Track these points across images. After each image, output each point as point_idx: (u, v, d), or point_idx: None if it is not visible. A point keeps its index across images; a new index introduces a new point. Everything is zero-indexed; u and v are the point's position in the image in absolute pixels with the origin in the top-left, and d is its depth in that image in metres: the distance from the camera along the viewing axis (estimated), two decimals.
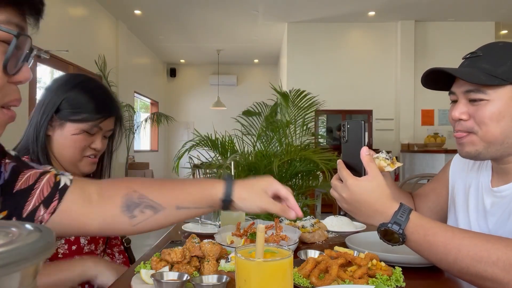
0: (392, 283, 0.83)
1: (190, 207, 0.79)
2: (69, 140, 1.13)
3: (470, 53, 0.97)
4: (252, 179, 0.84)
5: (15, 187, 0.71)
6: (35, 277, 0.29)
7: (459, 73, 0.92)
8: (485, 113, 0.91)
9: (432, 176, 3.30)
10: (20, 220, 0.71)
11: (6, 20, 0.59)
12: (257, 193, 0.80)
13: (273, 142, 2.82)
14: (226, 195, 0.79)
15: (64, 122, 1.12)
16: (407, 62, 7.64)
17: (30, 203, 0.71)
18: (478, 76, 0.90)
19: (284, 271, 0.62)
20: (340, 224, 1.48)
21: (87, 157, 1.17)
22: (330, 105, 5.90)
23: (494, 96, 0.90)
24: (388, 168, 0.92)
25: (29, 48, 0.63)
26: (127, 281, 0.88)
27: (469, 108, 0.94)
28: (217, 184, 0.80)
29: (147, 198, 0.77)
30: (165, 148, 11.10)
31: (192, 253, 0.91)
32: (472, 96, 0.93)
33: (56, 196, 0.72)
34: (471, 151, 0.95)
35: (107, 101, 1.19)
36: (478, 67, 0.92)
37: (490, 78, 0.89)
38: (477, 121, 0.93)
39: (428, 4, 6.90)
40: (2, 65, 0.59)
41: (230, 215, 1.38)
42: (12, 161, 0.73)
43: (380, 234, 0.86)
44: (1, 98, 0.61)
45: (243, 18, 7.57)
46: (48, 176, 0.74)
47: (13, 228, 0.32)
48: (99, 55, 6.45)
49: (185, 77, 11.55)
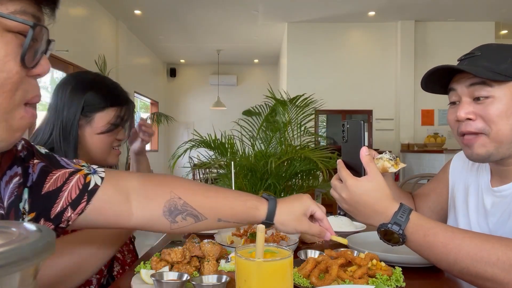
0: (392, 283, 0.83)
1: (231, 221, 0.82)
2: (97, 137, 1.17)
3: (466, 54, 0.96)
4: (292, 199, 0.87)
5: (43, 189, 0.70)
6: (35, 277, 0.29)
7: (468, 68, 0.90)
8: (493, 111, 0.88)
9: (432, 176, 3.31)
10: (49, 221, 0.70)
11: (21, 10, 0.55)
12: (296, 218, 0.85)
13: (272, 143, 2.82)
14: (268, 219, 0.83)
15: (92, 118, 1.15)
16: (407, 62, 7.64)
17: (58, 205, 0.70)
18: (484, 72, 0.88)
19: (284, 271, 0.62)
20: (340, 224, 1.48)
21: (113, 149, 1.23)
22: (330, 105, 5.90)
23: (499, 93, 0.88)
24: (392, 169, 0.92)
25: (46, 40, 0.60)
26: (127, 281, 0.88)
27: (474, 107, 0.91)
28: (261, 206, 0.83)
29: (191, 206, 0.78)
30: (165, 148, 11.09)
31: (192, 253, 0.91)
32: (476, 92, 0.90)
33: (84, 198, 0.72)
34: (482, 153, 0.92)
35: (122, 91, 1.26)
36: (479, 65, 0.90)
37: (494, 74, 0.88)
38: (486, 121, 0.90)
39: (428, 4, 6.90)
40: (19, 57, 0.55)
41: None
42: (42, 161, 0.72)
43: (380, 234, 0.86)
44: (23, 94, 0.58)
45: (243, 18, 7.57)
46: (77, 176, 0.73)
47: (13, 228, 0.32)
48: (99, 55, 6.45)
49: (185, 77, 11.55)
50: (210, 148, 2.73)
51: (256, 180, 2.53)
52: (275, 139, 2.81)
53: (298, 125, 2.87)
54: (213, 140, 2.67)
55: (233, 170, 1.53)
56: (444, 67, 0.93)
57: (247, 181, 2.54)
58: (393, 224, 0.83)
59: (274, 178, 2.51)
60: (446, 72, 0.95)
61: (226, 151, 2.69)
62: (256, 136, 2.84)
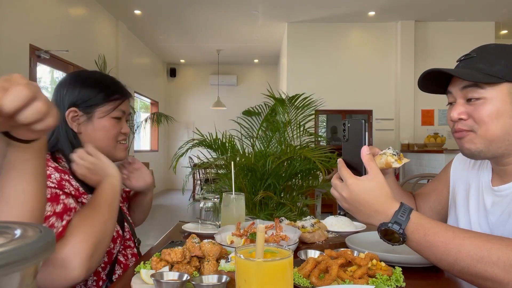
0: (392, 283, 0.83)
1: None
2: (100, 131, 1.16)
3: (464, 55, 0.99)
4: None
5: None
6: (35, 277, 0.29)
7: (455, 72, 0.93)
8: (484, 111, 0.92)
9: (432, 176, 3.30)
10: None
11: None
12: None
13: (272, 143, 2.82)
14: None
15: (92, 114, 1.15)
16: (407, 62, 7.64)
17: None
18: (475, 74, 0.91)
19: (284, 271, 0.62)
20: (340, 224, 1.48)
21: (120, 143, 1.22)
22: (330, 105, 5.91)
23: (491, 94, 0.91)
24: (396, 164, 0.92)
25: None
26: (127, 281, 0.88)
27: (467, 108, 0.95)
28: None
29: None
30: (165, 148, 11.09)
31: (192, 253, 0.91)
32: (469, 94, 0.94)
33: None
34: (472, 148, 0.95)
35: (120, 84, 1.25)
36: (474, 67, 0.93)
37: (486, 76, 0.91)
38: (476, 120, 0.93)
39: (428, 4, 6.90)
40: None
41: (230, 215, 1.38)
42: None
43: (380, 234, 0.86)
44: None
45: (243, 18, 7.57)
46: None
47: (13, 228, 0.31)
48: (99, 55, 6.45)
49: (185, 77, 11.54)
50: (211, 148, 2.73)
51: (255, 180, 2.53)
52: (274, 139, 2.82)
53: (298, 126, 2.88)
54: (214, 140, 2.67)
55: (233, 170, 1.53)
56: (435, 70, 0.96)
57: (247, 181, 2.55)
58: (394, 224, 0.83)
59: (273, 178, 2.51)
60: (440, 74, 0.96)
61: (226, 151, 2.69)
62: (256, 136, 2.85)
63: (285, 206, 2.47)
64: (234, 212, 1.38)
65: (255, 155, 2.64)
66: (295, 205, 2.58)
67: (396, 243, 0.85)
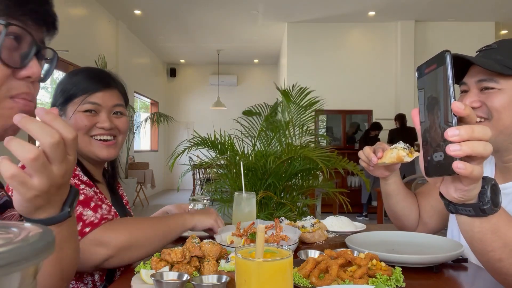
0: (392, 283, 0.83)
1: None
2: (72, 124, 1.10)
3: (485, 46, 1.00)
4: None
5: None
6: (35, 277, 0.29)
7: (474, 59, 0.93)
8: (496, 100, 0.92)
9: None
10: None
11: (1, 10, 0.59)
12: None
13: (273, 142, 2.82)
14: None
15: (64, 109, 1.14)
16: (407, 62, 7.64)
17: None
18: (493, 65, 0.92)
19: (284, 271, 0.62)
20: (340, 224, 1.48)
21: (96, 140, 1.14)
22: (330, 105, 5.89)
23: (506, 86, 0.92)
24: (407, 158, 0.92)
25: (36, 44, 0.64)
26: (127, 281, 0.88)
27: (480, 96, 0.95)
28: None
29: None
30: (165, 148, 11.10)
31: (192, 253, 0.91)
32: (484, 85, 0.94)
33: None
34: None
35: (101, 75, 1.20)
36: (492, 58, 0.94)
37: (504, 68, 0.91)
38: (489, 108, 0.93)
39: (428, 4, 6.90)
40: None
41: (241, 212, 1.39)
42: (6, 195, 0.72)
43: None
44: (7, 90, 0.61)
45: (243, 18, 7.57)
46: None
47: (13, 228, 0.31)
48: (99, 55, 6.45)
49: (185, 77, 11.55)
50: (210, 149, 2.73)
51: (256, 179, 2.53)
52: (275, 139, 2.82)
53: (300, 126, 2.88)
54: (212, 141, 2.67)
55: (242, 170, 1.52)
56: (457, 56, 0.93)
57: (247, 180, 2.54)
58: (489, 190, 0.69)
59: (274, 177, 2.51)
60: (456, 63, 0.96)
61: (226, 151, 2.69)
62: (257, 136, 2.85)
63: (285, 206, 2.46)
64: (245, 209, 1.41)
65: (256, 154, 2.64)
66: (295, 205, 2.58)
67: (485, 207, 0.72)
